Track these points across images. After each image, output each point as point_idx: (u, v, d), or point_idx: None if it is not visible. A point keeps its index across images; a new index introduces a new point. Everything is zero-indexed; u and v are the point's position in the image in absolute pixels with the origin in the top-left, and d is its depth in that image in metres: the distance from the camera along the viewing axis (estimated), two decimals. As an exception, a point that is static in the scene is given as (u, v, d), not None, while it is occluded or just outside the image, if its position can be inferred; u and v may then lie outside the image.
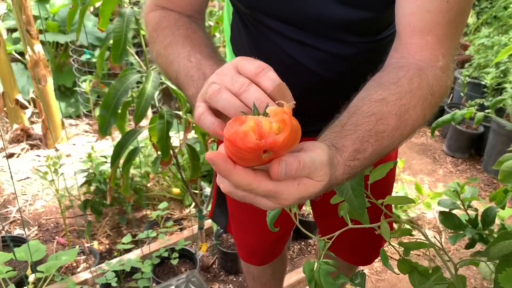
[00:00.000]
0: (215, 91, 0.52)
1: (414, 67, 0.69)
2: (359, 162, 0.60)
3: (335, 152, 0.57)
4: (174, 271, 1.92)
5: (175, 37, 0.77)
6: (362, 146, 0.60)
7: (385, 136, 0.63)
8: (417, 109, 0.66)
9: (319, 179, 0.51)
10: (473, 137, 2.93)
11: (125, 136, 1.45)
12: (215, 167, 0.45)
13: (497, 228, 1.45)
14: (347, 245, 1.32)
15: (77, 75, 3.17)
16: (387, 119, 0.63)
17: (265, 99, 0.50)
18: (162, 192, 2.41)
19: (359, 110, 0.64)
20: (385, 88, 0.66)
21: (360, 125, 0.61)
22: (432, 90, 0.69)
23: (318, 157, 0.50)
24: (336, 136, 0.60)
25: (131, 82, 1.37)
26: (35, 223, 2.29)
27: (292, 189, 0.49)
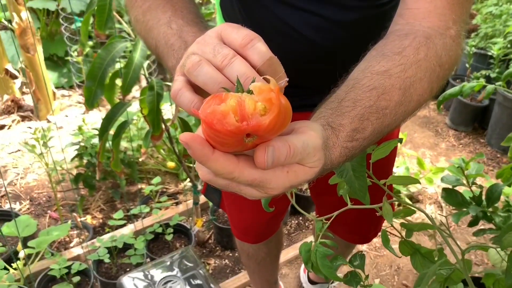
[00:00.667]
0: (194, 64, 0.45)
1: (421, 34, 0.61)
2: (358, 143, 0.53)
3: (330, 133, 0.50)
4: (168, 247, 1.88)
5: (155, 1, 0.69)
6: (362, 125, 0.53)
7: (387, 113, 0.55)
8: (423, 82, 0.59)
9: (311, 165, 0.44)
10: (477, 110, 2.85)
11: (113, 108, 1.37)
12: (190, 151, 0.38)
13: (501, 206, 1.40)
14: (346, 223, 1.27)
15: (69, 44, 3.05)
16: (390, 93, 0.56)
17: (252, 74, 0.43)
18: (157, 166, 2.35)
19: (359, 83, 0.56)
20: (388, 59, 0.58)
21: (359, 101, 0.54)
22: (441, 61, 0.61)
23: (311, 140, 0.43)
24: (333, 114, 0.53)
25: (118, 51, 1.28)
26: (27, 197, 2.24)
27: (280, 177, 0.42)
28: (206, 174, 0.42)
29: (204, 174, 0.42)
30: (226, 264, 1.95)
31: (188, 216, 2.08)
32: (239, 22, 0.88)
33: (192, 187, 1.87)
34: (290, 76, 0.97)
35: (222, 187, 0.44)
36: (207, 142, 0.38)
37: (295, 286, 1.86)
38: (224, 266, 1.94)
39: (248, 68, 0.43)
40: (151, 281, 1.50)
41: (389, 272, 1.89)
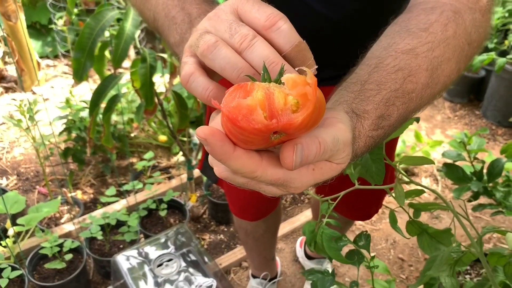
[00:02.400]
0: (210, 45, 0.38)
1: (448, 9, 0.55)
2: (382, 132, 0.48)
3: (356, 121, 0.45)
4: (162, 223, 1.84)
5: None
6: (387, 111, 0.48)
7: (413, 97, 0.50)
8: (451, 63, 0.53)
9: (339, 162, 0.40)
10: (473, 81, 2.81)
11: (103, 82, 1.30)
12: (209, 148, 0.33)
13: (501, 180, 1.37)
14: (347, 201, 1.23)
15: (52, 12, 2.91)
16: (417, 75, 0.50)
17: (277, 59, 0.37)
18: (148, 140, 2.28)
19: (383, 63, 0.51)
20: (413, 36, 0.52)
21: (384, 84, 0.49)
22: (470, 39, 0.55)
23: (341, 135, 0.38)
24: (356, 98, 0.48)
25: (108, 20, 1.20)
26: (14, 172, 2.17)
27: (306, 175, 0.38)
28: (224, 171, 0.37)
29: (221, 171, 0.37)
30: (221, 239, 1.93)
31: (182, 191, 2.04)
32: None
33: (186, 162, 1.82)
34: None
35: (240, 184, 0.39)
36: (227, 138, 0.33)
37: (291, 261, 1.85)
38: (219, 241, 1.92)
39: (273, 52, 0.37)
40: (146, 259, 1.47)
41: (385, 246, 1.89)
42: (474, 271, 1.45)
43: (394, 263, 1.82)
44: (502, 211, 1.24)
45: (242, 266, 1.81)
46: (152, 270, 1.41)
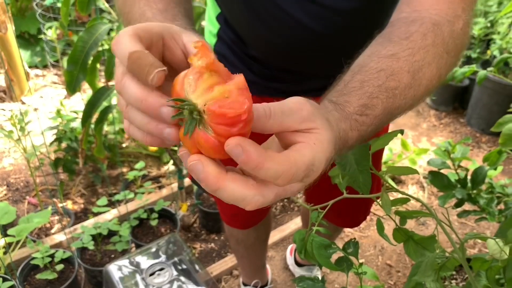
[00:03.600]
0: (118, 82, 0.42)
1: (428, 21, 0.59)
2: (368, 119, 0.51)
3: (332, 107, 0.48)
4: (153, 232, 1.85)
5: None
6: (371, 102, 0.51)
7: (397, 94, 0.53)
8: (432, 67, 0.57)
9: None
10: (457, 90, 2.88)
11: (96, 93, 1.32)
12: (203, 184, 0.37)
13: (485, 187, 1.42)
14: (336, 208, 1.26)
15: (42, 22, 2.92)
16: (399, 75, 0.54)
17: (142, 95, 0.40)
18: (138, 149, 2.30)
19: (366, 66, 0.54)
20: (395, 43, 0.56)
21: (367, 81, 0.52)
22: (448, 48, 0.59)
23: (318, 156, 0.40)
24: (339, 95, 0.51)
25: (101, 34, 1.22)
26: (3, 183, 2.16)
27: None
28: None
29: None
30: (212, 248, 1.95)
31: (173, 200, 2.05)
32: (234, 7, 0.84)
33: (177, 172, 1.83)
34: (289, 62, 0.94)
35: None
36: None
37: (281, 268, 1.87)
38: (210, 250, 1.94)
39: (138, 89, 0.40)
40: (138, 268, 1.48)
41: (373, 253, 1.92)
42: (460, 276, 1.49)
43: (382, 269, 1.85)
44: (486, 217, 1.28)
45: (233, 274, 1.82)
46: (144, 279, 1.42)
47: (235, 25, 0.90)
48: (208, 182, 0.37)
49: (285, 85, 0.95)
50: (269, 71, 0.94)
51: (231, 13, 0.88)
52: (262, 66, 0.93)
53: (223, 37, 0.94)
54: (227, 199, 0.38)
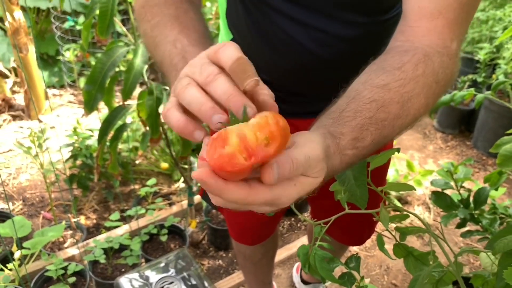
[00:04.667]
0: (182, 87, 0.47)
1: (420, 52, 0.64)
2: (358, 151, 0.56)
3: (331, 142, 0.53)
4: (163, 247, 1.90)
5: (163, 16, 0.70)
6: (361, 135, 0.56)
7: (386, 125, 0.59)
8: (420, 98, 0.62)
9: (315, 175, 0.48)
10: (463, 113, 2.92)
11: (112, 112, 1.39)
12: (205, 187, 0.41)
13: (488, 208, 1.45)
14: (341, 226, 1.30)
15: (60, 43, 3.05)
16: (389, 106, 0.59)
17: (233, 91, 0.44)
18: (150, 167, 2.36)
19: (359, 95, 0.59)
20: (388, 73, 0.61)
21: (360, 112, 0.57)
22: (437, 78, 0.64)
23: (312, 152, 0.47)
24: (334, 123, 0.56)
25: (118, 56, 1.30)
26: (20, 197, 2.23)
27: (289, 190, 0.45)
28: (220, 201, 0.45)
29: (218, 201, 0.45)
30: (219, 264, 1.98)
31: (182, 217, 2.10)
32: (245, 33, 0.91)
33: (187, 189, 1.89)
34: (296, 85, 1.00)
35: (234, 209, 0.46)
36: (218, 176, 0.41)
37: (288, 286, 1.90)
38: (217, 266, 1.97)
39: (231, 86, 0.45)
40: (147, 282, 1.52)
41: (379, 272, 1.94)
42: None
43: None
44: (488, 237, 1.30)
45: (240, 290, 1.86)
46: (154, 292, 1.46)
47: (246, 50, 0.97)
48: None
49: (292, 107, 1.01)
50: (277, 94, 1.00)
51: (242, 39, 0.95)
52: (271, 89, 1.00)
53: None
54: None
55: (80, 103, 3.05)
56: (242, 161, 0.38)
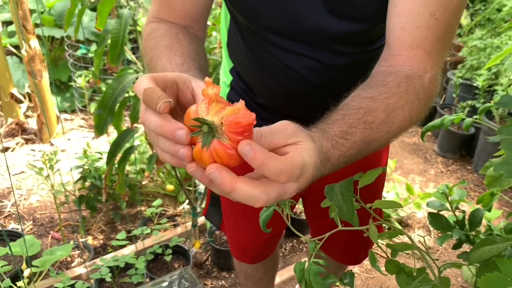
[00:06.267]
0: (142, 116, 0.53)
1: (402, 73, 0.71)
2: (348, 143, 0.61)
3: (315, 130, 0.59)
4: (167, 267, 1.95)
5: (158, 49, 0.78)
6: (351, 130, 0.61)
7: (374, 127, 0.64)
8: (404, 110, 0.68)
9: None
10: (464, 138, 2.97)
11: (121, 135, 1.47)
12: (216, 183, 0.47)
13: (484, 229, 1.49)
14: (337, 245, 1.35)
15: (73, 70, 3.17)
16: (375, 112, 0.65)
17: (161, 122, 0.50)
18: (156, 189, 2.43)
19: (348, 105, 0.66)
20: (374, 88, 0.68)
21: (348, 115, 0.63)
22: (419, 97, 0.71)
23: (306, 156, 0.51)
24: (322, 124, 0.62)
25: (128, 82, 1.39)
26: (30, 218, 2.31)
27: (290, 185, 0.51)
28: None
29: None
30: (222, 285, 2.02)
31: (186, 238, 2.15)
32: (244, 61, 0.99)
33: (191, 209, 1.95)
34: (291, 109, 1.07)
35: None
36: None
37: (289, 307, 1.93)
38: (220, 287, 2.01)
39: (157, 118, 0.50)
40: (152, 300, 1.57)
41: (379, 294, 1.97)
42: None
43: (388, 310, 1.89)
44: (482, 257, 1.34)
45: (242, 310, 1.89)
46: (157, 309, 1.51)
47: (246, 77, 1.05)
48: (224, 185, 0.46)
49: None
50: (274, 117, 1.07)
51: (242, 67, 1.03)
52: (268, 113, 1.07)
53: (235, 87, 1.09)
54: (239, 198, 0.48)
55: (90, 127, 3.15)
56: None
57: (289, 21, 0.82)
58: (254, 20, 0.86)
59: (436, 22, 0.70)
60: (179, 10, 0.82)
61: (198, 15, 0.85)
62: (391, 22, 0.74)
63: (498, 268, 0.76)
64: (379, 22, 0.81)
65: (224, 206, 1.33)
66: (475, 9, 3.80)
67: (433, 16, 0.70)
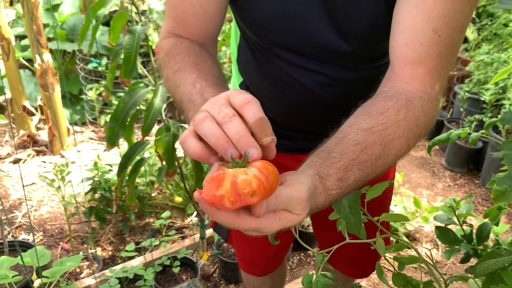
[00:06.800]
0: (200, 119, 0.55)
1: (403, 97, 0.73)
2: (341, 191, 0.64)
3: (318, 183, 0.61)
4: (175, 279, 1.96)
5: (184, 63, 0.81)
6: (345, 175, 0.64)
7: (368, 166, 0.67)
8: (401, 139, 0.70)
9: (298, 212, 0.55)
10: (471, 152, 2.97)
11: (132, 147, 1.50)
12: (201, 206, 0.50)
13: (492, 243, 1.49)
14: (345, 257, 1.36)
15: (84, 83, 3.23)
16: (372, 148, 0.67)
17: (245, 133, 0.52)
18: (164, 201, 2.45)
19: (346, 137, 0.67)
20: (372, 118, 0.70)
21: (345, 154, 0.65)
22: (418, 121, 0.72)
23: (296, 193, 0.55)
24: (322, 164, 0.64)
25: (140, 96, 1.42)
26: (40, 229, 2.33)
27: (273, 223, 0.54)
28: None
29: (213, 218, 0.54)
30: (230, 297, 2.03)
31: (195, 250, 2.17)
32: (254, 76, 1.02)
33: (199, 222, 1.97)
34: (298, 122, 1.09)
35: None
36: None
37: (297, 320, 1.93)
38: (228, 299, 2.02)
39: (243, 128, 0.53)
40: (160, 311, 1.58)
41: (387, 308, 1.96)
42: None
43: (396, 324, 1.88)
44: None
45: (249, 323, 1.89)
46: (165, 321, 1.52)
47: (255, 91, 1.08)
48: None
49: (294, 143, 1.10)
50: (281, 130, 1.10)
51: (251, 82, 1.05)
52: (277, 126, 1.10)
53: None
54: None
55: (100, 139, 3.19)
56: (228, 204, 0.48)
57: (298, 37, 0.85)
58: (264, 36, 0.89)
59: (439, 38, 0.72)
60: (194, 27, 0.85)
61: (211, 32, 0.88)
62: (394, 39, 0.76)
63: (503, 280, 0.77)
64: (385, 39, 0.84)
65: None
66: (482, 24, 3.82)
67: (436, 33, 0.72)
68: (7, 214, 2.40)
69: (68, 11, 3.50)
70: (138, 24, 1.41)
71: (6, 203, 2.49)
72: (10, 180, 2.69)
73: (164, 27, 0.90)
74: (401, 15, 0.74)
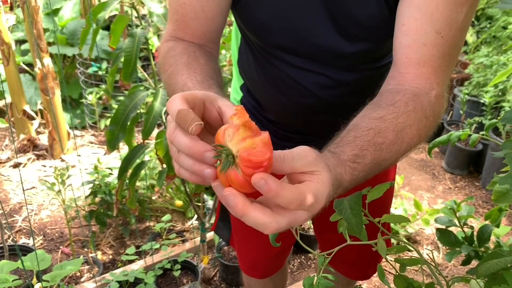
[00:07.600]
0: (171, 134, 0.54)
1: (409, 92, 0.73)
2: (360, 166, 0.63)
3: (330, 155, 0.60)
4: (176, 283, 1.95)
5: (176, 66, 0.80)
6: (362, 153, 0.63)
7: (383, 148, 0.66)
8: (413, 129, 0.70)
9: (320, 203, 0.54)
10: (471, 154, 2.97)
11: (132, 150, 1.50)
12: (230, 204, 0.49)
13: (493, 245, 1.49)
14: (346, 260, 1.36)
15: (84, 87, 3.23)
16: (385, 133, 0.67)
17: (190, 143, 0.51)
18: (165, 204, 2.45)
19: (358, 125, 0.68)
20: (383, 108, 0.70)
21: (359, 137, 0.65)
22: (426, 114, 0.73)
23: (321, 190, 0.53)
24: (336, 146, 0.64)
25: (140, 99, 1.42)
26: (40, 233, 2.33)
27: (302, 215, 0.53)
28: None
29: None
30: (231, 300, 2.02)
31: (195, 253, 2.16)
32: (254, 78, 1.02)
33: (200, 225, 1.96)
34: (299, 124, 1.09)
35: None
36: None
37: (298, 323, 1.92)
38: (229, 302, 2.01)
39: (187, 139, 0.51)
40: (160, 315, 1.58)
41: (388, 311, 1.95)
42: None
43: (397, 327, 1.87)
44: (491, 273, 1.33)
45: (250, 327, 1.88)
46: (166, 324, 1.51)
47: (256, 94, 1.08)
48: (236, 209, 0.49)
49: (296, 145, 1.10)
50: (283, 132, 1.10)
51: (252, 84, 1.06)
52: (277, 128, 1.10)
53: (245, 103, 1.12)
54: (250, 223, 0.50)
55: (100, 143, 3.19)
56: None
57: (299, 39, 0.85)
58: (264, 38, 0.89)
59: (442, 39, 0.73)
60: (195, 29, 0.85)
61: (212, 34, 0.88)
62: (398, 41, 0.77)
63: (505, 281, 0.77)
64: (386, 40, 0.84)
65: (234, 221, 1.35)
66: (481, 27, 3.83)
67: (439, 34, 0.73)
68: (7, 218, 2.40)
69: (68, 16, 3.51)
70: (138, 28, 1.41)
71: (6, 207, 2.48)
72: (10, 184, 2.68)
73: (166, 31, 0.90)
74: (404, 17, 0.74)
